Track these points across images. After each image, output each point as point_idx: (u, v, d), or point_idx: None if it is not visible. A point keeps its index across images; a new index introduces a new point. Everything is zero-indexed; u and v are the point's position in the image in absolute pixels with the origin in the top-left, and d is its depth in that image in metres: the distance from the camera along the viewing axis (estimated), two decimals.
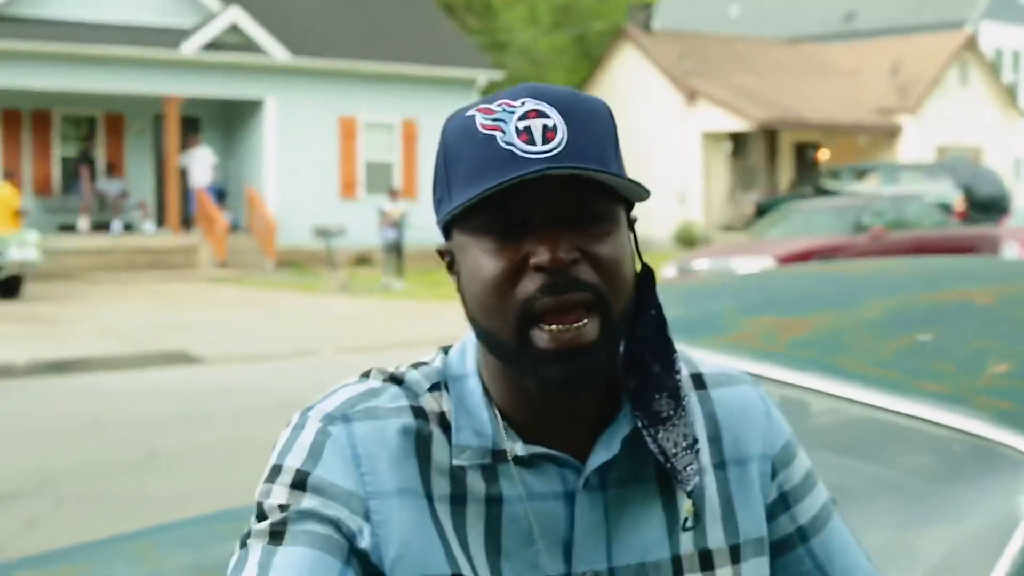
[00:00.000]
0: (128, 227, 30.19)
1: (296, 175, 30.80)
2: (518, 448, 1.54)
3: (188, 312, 21.03)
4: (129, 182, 31.11)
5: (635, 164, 39.46)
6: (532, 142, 1.45)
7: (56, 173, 30.85)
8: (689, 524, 1.59)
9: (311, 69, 30.67)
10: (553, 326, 1.46)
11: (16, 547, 7.84)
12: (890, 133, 41.61)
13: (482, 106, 1.49)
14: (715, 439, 1.65)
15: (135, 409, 12.73)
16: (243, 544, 1.52)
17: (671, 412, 1.57)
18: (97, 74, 28.44)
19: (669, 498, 1.59)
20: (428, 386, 1.59)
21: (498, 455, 1.54)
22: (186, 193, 30.19)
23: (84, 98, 30.15)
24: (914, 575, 2.88)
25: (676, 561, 1.58)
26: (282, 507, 1.51)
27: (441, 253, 1.59)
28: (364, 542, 1.50)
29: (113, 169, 30.88)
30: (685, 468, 1.57)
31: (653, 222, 37.95)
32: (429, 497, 1.52)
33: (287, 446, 1.55)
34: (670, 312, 3.79)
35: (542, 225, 1.47)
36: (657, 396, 1.57)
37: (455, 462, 1.54)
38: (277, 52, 30.08)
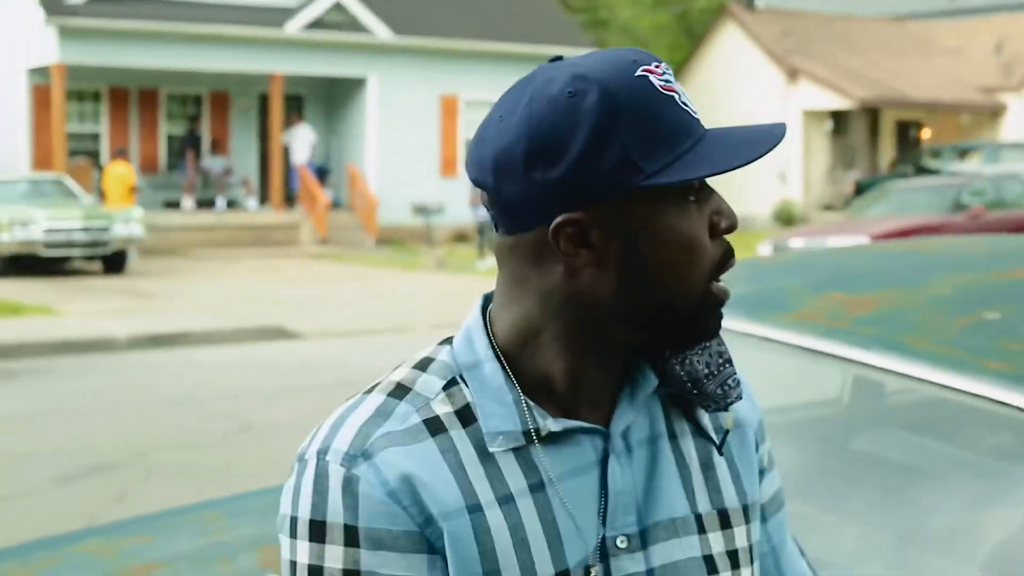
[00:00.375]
0: (231, 204, 30.50)
1: (397, 153, 30.93)
2: (551, 424, 1.49)
3: (287, 288, 21.24)
4: (233, 159, 31.42)
5: None
6: (687, 104, 1.47)
7: (162, 151, 31.24)
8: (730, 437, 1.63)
9: (413, 47, 30.77)
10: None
11: (107, 518, 7.97)
12: (993, 112, 40.94)
13: (645, 66, 1.44)
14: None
15: (229, 383, 12.89)
16: None
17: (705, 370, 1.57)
18: (204, 53, 28.74)
19: (679, 455, 1.58)
20: (442, 385, 1.52)
21: (528, 436, 1.49)
22: (289, 171, 30.43)
23: (191, 76, 30.47)
24: (984, 553, 2.88)
25: (698, 519, 1.56)
26: (347, 572, 1.43)
27: (564, 225, 1.44)
28: (440, 570, 1.45)
29: (218, 147, 31.21)
30: (725, 384, 1.56)
31: (752, 200, 37.71)
32: (473, 509, 1.45)
33: (318, 497, 1.45)
34: (738, 288, 3.81)
35: (709, 188, 1.49)
36: (698, 351, 1.57)
37: (491, 449, 1.48)
38: (380, 31, 30.20)
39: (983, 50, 43.10)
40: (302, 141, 29.82)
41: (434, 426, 1.48)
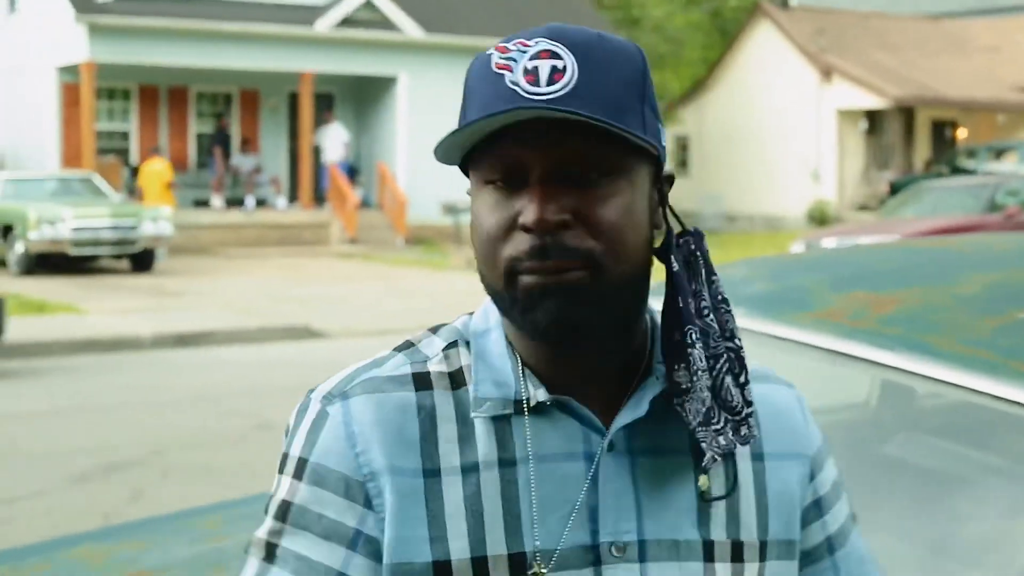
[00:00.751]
0: (261, 203, 30.46)
1: (427, 151, 30.62)
2: (540, 394, 1.47)
3: (314, 287, 21.16)
4: (263, 158, 31.38)
5: (768, 142, 38.98)
6: (537, 83, 1.39)
7: (192, 149, 31.23)
8: (706, 498, 1.52)
9: (444, 45, 30.65)
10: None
11: (120, 518, 7.89)
12: None
13: (501, 44, 1.43)
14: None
15: (252, 382, 12.80)
16: (247, 550, 1.51)
17: (688, 384, 1.48)
18: (234, 51, 28.69)
19: (698, 476, 1.53)
20: (444, 345, 1.54)
21: (517, 406, 1.48)
22: (319, 169, 30.37)
23: (220, 75, 30.43)
24: (1020, 565, 2.79)
25: (708, 546, 1.50)
26: (282, 505, 1.48)
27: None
28: (370, 529, 1.46)
29: (247, 145, 31.16)
30: (716, 440, 1.49)
31: (785, 200, 37.56)
32: (430, 473, 1.45)
33: (292, 431, 1.52)
34: (758, 286, 3.64)
35: (536, 181, 1.40)
36: (676, 367, 1.49)
37: (472, 414, 1.47)
38: (410, 29, 30.11)
39: (1020, 49, 42.76)
40: (335, 139, 29.73)
41: (421, 381, 1.49)
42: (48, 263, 23.07)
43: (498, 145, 1.41)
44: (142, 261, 23.67)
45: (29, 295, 19.14)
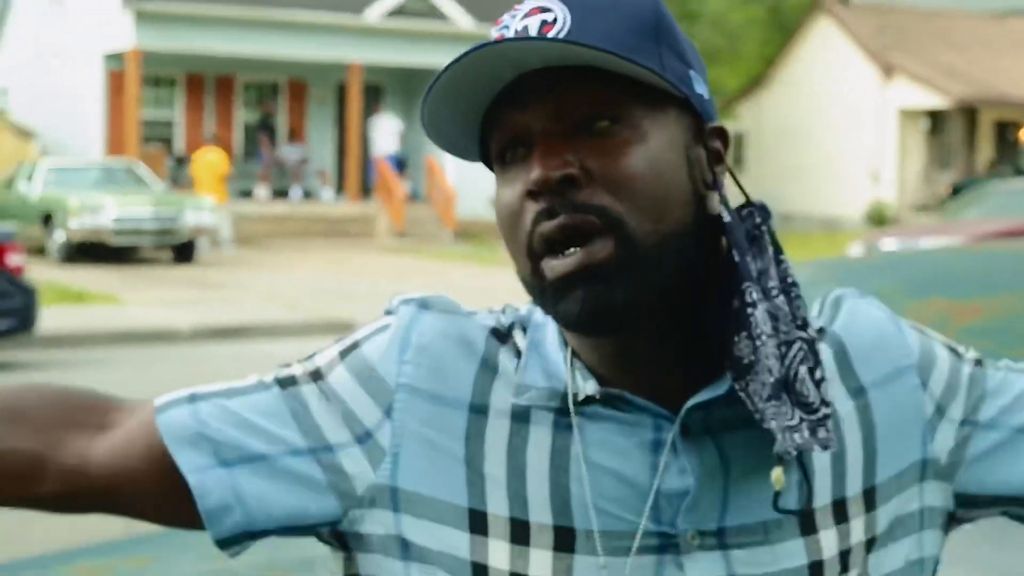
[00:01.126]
0: (307, 194, 30.36)
1: None
2: (589, 387, 1.34)
3: (359, 281, 20.91)
4: (310, 149, 31.25)
5: (827, 140, 38.79)
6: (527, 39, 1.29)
7: (238, 140, 31.17)
8: (782, 499, 1.32)
9: None
10: (558, 255, 1.29)
11: (144, 525, 7.51)
12: None
13: (499, 18, 1.36)
14: (844, 364, 1.41)
15: None
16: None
17: (751, 356, 1.30)
18: (281, 40, 28.61)
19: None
20: (511, 321, 1.42)
21: (564, 399, 1.35)
22: (366, 161, 30.28)
23: (267, 64, 30.35)
24: None
25: (807, 517, 1.35)
26: (315, 372, 1.38)
27: None
28: (382, 437, 1.35)
29: (294, 136, 31.10)
30: (768, 423, 1.29)
31: (843, 200, 37.51)
32: (477, 408, 1.35)
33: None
34: (825, 291, 3.21)
35: (539, 139, 1.29)
36: (736, 338, 1.31)
37: (515, 401, 1.35)
38: (461, 19, 29.92)
39: None
40: (386, 130, 29.57)
41: (498, 335, 1.40)
42: (90, 252, 22.92)
43: (499, 116, 1.32)
44: (183, 252, 23.52)
45: (69, 284, 19.02)
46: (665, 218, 1.30)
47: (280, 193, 30.02)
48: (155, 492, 1.35)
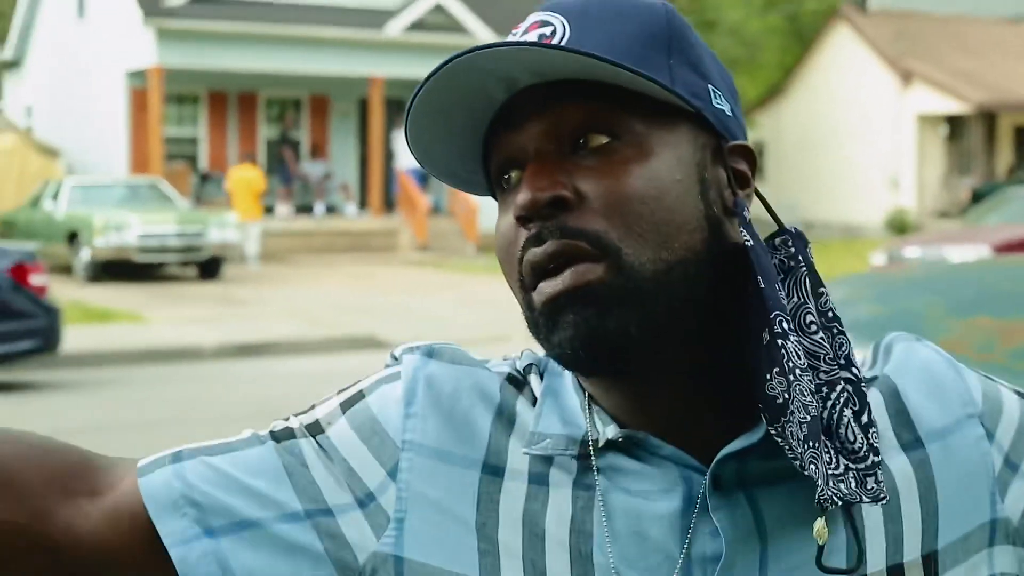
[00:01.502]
0: (330, 209, 30.29)
1: None
2: (608, 432, 1.21)
3: (382, 296, 20.88)
4: (332, 164, 31.19)
5: (846, 148, 38.56)
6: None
7: (261, 156, 31.11)
8: (827, 557, 1.17)
9: None
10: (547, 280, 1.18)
11: None
12: None
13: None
14: (898, 413, 1.25)
15: (313, 394, 12.33)
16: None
17: (785, 394, 1.16)
18: (303, 55, 28.54)
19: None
20: (526, 365, 1.30)
21: (585, 448, 1.22)
22: (389, 175, 30.23)
23: (289, 80, 30.32)
24: None
25: None
26: (314, 425, 1.27)
27: None
28: (386, 501, 1.22)
29: (317, 151, 31.04)
30: (807, 468, 1.15)
31: (863, 207, 37.21)
32: (491, 469, 1.23)
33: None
34: (862, 309, 3.12)
35: (530, 162, 1.19)
36: (768, 375, 1.17)
37: (524, 451, 1.23)
38: (482, 33, 29.83)
39: None
40: None
41: (514, 382, 1.29)
42: (115, 270, 22.91)
43: (495, 140, 1.22)
44: (208, 269, 23.49)
45: (93, 303, 19.03)
46: (669, 244, 1.17)
47: (303, 209, 29.97)
48: (145, 564, 1.22)
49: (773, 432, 1.16)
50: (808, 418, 1.16)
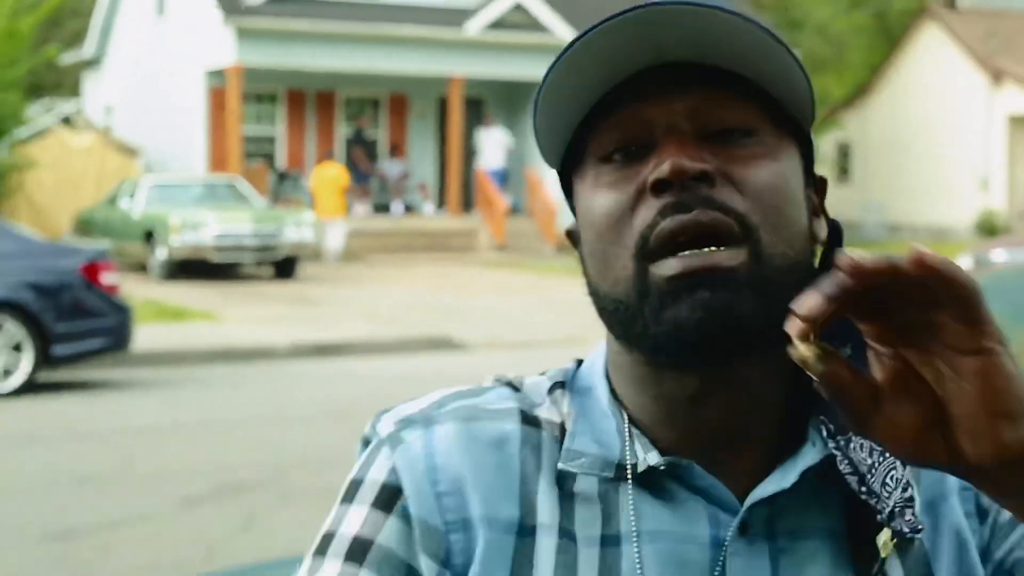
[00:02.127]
0: (409, 209, 30.20)
1: None
2: (651, 457, 1.19)
3: (459, 296, 20.73)
4: (411, 163, 31.10)
5: (935, 148, 38.15)
6: None
7: (339, 155, 31.11)
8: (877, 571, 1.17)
9: None
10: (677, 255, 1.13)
11: (228, 547, 7.33)
12: None
13: None
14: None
15: (388, 395, 12.19)
16: None
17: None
18: (382, 54, 28.49)
19: (863, 561, 1.18)
20: (549, 387, 1.28)
21: (622, 472, 1.20)
22: (469, 174, 30.23)
23: (368, 79, 30.28)
24: None
25: None
26: (358, 543, 1.19)
27: (570, 236, 1.29)
28: None
29: (396, 150, 30.97)
30: (885, 482, 1.16)
31: (952, 209, 36.84)
32: (525, 530, 1.19)
33: (361, 460, 1.26)
34: None
35: (664, 133, 1.15)
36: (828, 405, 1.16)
37: (560, 466, 1.20)
38: (562, 31, 29.64)
39: None
40: (495, 143, 29.47)
41: (528, 420, 1.24)
42: (191, 269, 22.89)
43: (615, 110, 1.17)
44: (284, 268, 23.40)
45: (169, 301, 18.97)
46: (795, 243, 1.18)
47: (381, 208, 29.91)
48: None
49: (834, 446, 1.17)
50: (864, 442, 1.17)
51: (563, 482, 1.22)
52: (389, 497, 1.21)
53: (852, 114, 40.72)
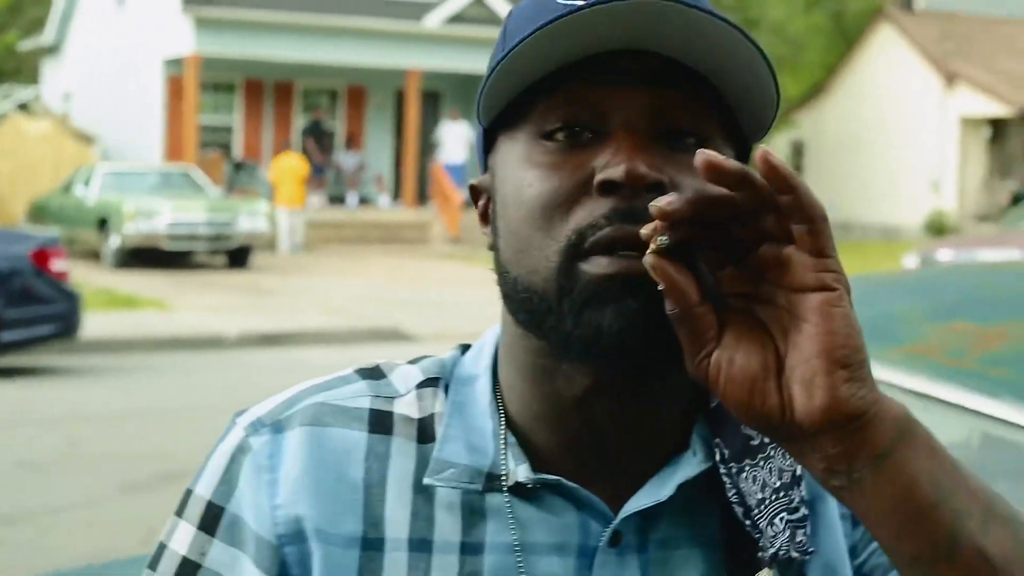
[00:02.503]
0: (364, 201, 30.27)
1: None
2: (520, 472, 1.15)
3: (411, 288, 20.83)
4: (367, 155, 31.18)
5: (887, 149, 38.35)
6: None
7: (296, 146, 31.18)
8: None
9: None
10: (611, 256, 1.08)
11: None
12: None
13: None
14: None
15: None
16: None
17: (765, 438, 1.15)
18: (340, 46, 28.60)
19: (739, 570, 1.15)
20: (418, 382, 1.23)
21: (493, 482, 1.16)
22: (424, 167, 30.26)
23: (326, 70, 30.38)
24: None
25: None
26: (186, 565, 1.18)
27: (474, 192, 1.24)
28: None
29: (352, 142, 31.01)
30: (773, 521, 1.13)
31: (903, 209, 37.06)
32: (370, 544, 1.14)
33: (204, 465, 1.23)
34: None
35: (621, 127, 1.10)
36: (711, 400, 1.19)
37: (426, 480, 1.16)
38: None
39: None
40: (457, 138, 29.49)
41: (379, 421, 1.20)
42: (144, 257, 22.93)
43: (563, 85, 1.11)
44: (237, 258, 23.48)
45: (121, 289, 19.03)
46: None
47: (336, 199, 30.00)
48: None
49: (724, 472, 1.15)
50: (791, 476, 1.15)
51: (420, 488, 1.18)
52: (214, 518, 1.20)
53: (806, 113, 40.92)
